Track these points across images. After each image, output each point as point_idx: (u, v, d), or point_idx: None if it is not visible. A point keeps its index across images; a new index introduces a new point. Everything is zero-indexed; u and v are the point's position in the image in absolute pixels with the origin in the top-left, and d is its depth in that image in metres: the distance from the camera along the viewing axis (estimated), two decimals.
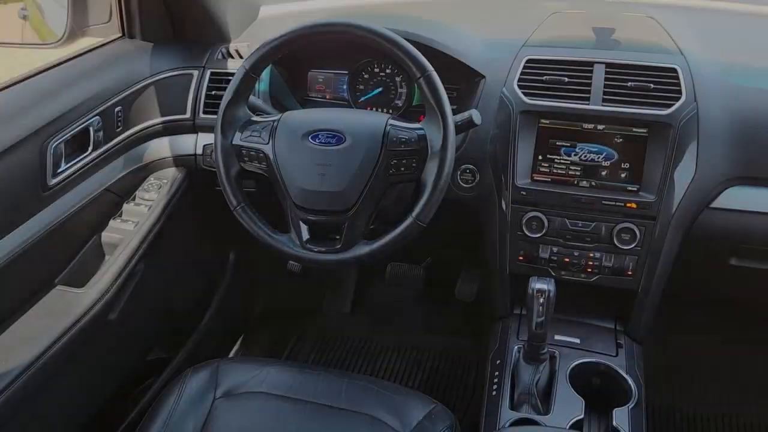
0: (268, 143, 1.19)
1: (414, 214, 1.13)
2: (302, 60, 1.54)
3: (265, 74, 1.47)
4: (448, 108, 1.13)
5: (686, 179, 1.25)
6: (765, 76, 1.34)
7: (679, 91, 1.25)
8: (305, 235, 1.20)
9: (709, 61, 1.33)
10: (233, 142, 1.21)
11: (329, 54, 1.52)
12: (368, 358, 2.07)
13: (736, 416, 1.85)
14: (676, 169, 1.25)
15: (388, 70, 1.50)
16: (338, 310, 2.27)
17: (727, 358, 1.99)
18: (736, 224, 1.30)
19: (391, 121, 1.17)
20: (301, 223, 1.20)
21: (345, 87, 1.53)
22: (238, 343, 2.03)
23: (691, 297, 1.69)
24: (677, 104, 1.24)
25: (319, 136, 1.17)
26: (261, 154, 1.19)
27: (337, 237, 1.18)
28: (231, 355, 1.98)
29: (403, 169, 1.15)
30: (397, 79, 1.50)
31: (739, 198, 1.28)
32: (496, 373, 1.27)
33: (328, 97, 1.55)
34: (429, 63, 1.13)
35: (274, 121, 1.21)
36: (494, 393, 1.22)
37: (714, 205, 1.29)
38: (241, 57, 1.55)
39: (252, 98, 1.31)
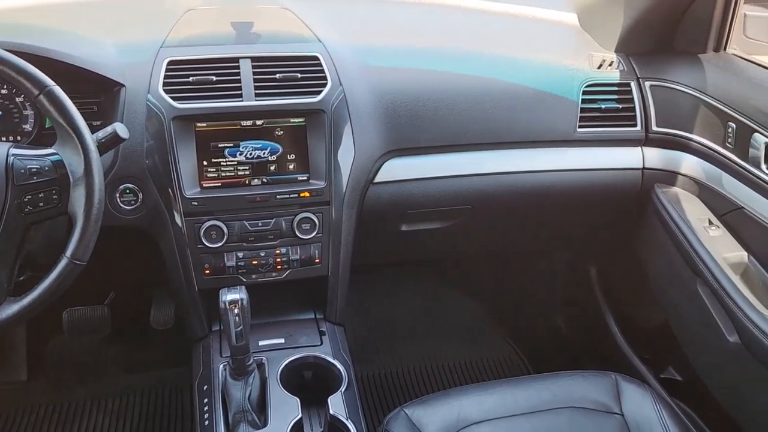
0: None
1: (68, 253, 0.97)
2: None
3: None
4: (82, 125, 0.98)
5: (348, 160, 1.31)
6: (398, 56, 1.46)
7: (325, 78, 1.30)
8: None
9: (347, 46, 1.40)
10: None
11: None
12: (60, 427, 1.77)
13: (438, 361, 2.06)
14: (338, 152, 1.29)
15: (4, 90, 1.26)
16: (11, 380, 1.89)
17: (417, 313, 2.21)
18: (399, 193, 1.41)
19: (14, 150, 0.98)
20: None
21: None
22: None
23: (375, 268, 1.81)
24: (325, 90, 1.28)
25: None
26: None
27: None
28: None
29: (42, 204, 0.97)
30: (18, 99, 1.26)
31: (396, 169, 1.39)
32: (206, 400, 1.18)
33: None
34: (47, 77, 0.97)
35: None
36: (207, 422, 1.13)
37: (377, 179, 1.37)
38: None
39: None
